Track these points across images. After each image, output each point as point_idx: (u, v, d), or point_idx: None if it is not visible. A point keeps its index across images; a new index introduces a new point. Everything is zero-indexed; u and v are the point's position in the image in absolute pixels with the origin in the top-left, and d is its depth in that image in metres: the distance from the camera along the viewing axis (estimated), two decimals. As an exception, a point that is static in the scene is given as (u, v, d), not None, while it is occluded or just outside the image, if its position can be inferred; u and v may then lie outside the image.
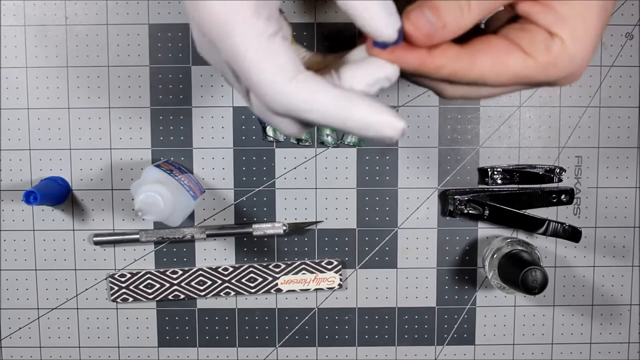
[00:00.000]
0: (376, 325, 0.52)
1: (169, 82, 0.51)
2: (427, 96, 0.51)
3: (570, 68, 0.27)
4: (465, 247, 0.52)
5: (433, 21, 0.25)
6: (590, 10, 0.26)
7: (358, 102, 0.25)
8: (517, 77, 0.27)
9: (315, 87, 0.24)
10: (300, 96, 0.24)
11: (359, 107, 0.25)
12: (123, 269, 0.52)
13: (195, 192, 0.48)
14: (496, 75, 0.26)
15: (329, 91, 0.25)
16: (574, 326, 0.53)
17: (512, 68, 0.26)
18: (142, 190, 0.42)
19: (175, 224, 0.45)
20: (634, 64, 0.51)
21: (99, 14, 0.50)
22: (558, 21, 0.26)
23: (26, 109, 0.51)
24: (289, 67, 0.24)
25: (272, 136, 0.51)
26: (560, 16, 0.26)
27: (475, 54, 0.26)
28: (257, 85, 0.24)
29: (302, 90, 0.24)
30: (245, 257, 0.52)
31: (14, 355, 0.52)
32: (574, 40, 0.26)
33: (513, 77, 0.27)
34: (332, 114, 0.25)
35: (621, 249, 0.52)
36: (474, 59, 0.26)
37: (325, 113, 0.24)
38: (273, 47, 0.24)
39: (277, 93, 0.24)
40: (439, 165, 0.52)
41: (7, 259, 0.52)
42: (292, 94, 0.24)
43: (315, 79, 0.25)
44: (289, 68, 0.24)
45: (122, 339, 0.52)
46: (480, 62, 0.26)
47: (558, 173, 0.51)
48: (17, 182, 0.51)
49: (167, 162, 0.49)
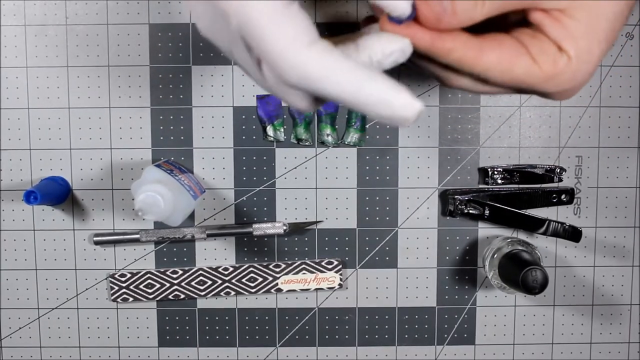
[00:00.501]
0: (376, 325, 0.52)
1: (169, 82, 0.51)
2: (427, 96, 0.51)
3: (569, 85, 0.27)
4: (466, 247, 0.52)
5: (446, 4, 0.25)
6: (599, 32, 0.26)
7: (376, 77, 0.24)
8: (519, 81, 0.27)
9: (331, 57, 0.24)
10: (315, 65, 0.23)
11: (377, 81, 0.24)
12: (123, 268, 0.52)
13: (195, 191, 0.48)
14: (500, 73, 0.26)
15: (345, 62, 0.24)
16: (574, 326, 0.53)
17: (517, 70, 0.26)
18: (143, 190, 0.42)
19: (175, 224, 0.45)
20: (634, 64, 0.51)
21: (99, 13, 0.50)
22: (568, 38, 0.26)
23: (26, 109, 0.51)
24: (305, 35, 0.24)
25: (272, 136, 0.51)
26: (570, 33, 0.26)
27: (485, 47, 0.26)
28: (272, 53, 0.24)
29: (318, 59, 0.23)
30: (246, 257, 0.52)
31: (14, 355, 0.52)
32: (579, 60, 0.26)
33: (515, 79, 0.27)
34: (347, 86, 0.24)
35: (621, 249, 0.52)
36: (482, 51, 0.26)
37: (340, 84, 0.24)
38: (289, 15, 0.23)
39: (291, 61, 0.23)
40: (439, 165, 0.52)
41: (7, 259, 0.52)
42: (307, 62, 0.23)
43: (331, 49, 0.24)
44: (305, 36, 0.24)
45: (123, 339, 0.52)
46: (488, 56, 0.26)
47: (558, 173, 0.51)
48: (17, 182, 0.51)
49: (167, 161, 0.49)
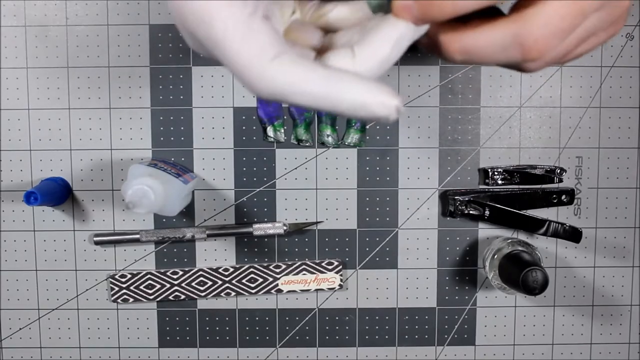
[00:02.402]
0: (376, 326, 0.52)
1: (170, 82, 0.51)
2: (427, 97, 0.51)
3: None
4: (466, 247, 0.52)
5: None
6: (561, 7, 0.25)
7: (349, 80, 0.23)
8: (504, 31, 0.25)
9: (299, 68, 0.23)
10: (282, 79, 0.23)
11: (350, 85, 0.23)
12: (123, 269, 0.52)
13: (184, 177, 0.47)
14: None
15: (316, 71, 0.23)
16: (574, 326, 0.53)
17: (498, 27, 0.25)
18: (130, 186, 0.42)
19: (173, 213, 0.45)
20: (634, 65, 0.51)
21: (99, 14, 0.50)
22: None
23: (26, 109, 0.51)
24: (270, 48, 0.23)
25: (272, 137, 0.51)
26: None
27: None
28: (238, 70, 0.23)
29: (285, 73, 0.23)
30: (246, 257, 0.52)
31: (14, 355, 0.52)
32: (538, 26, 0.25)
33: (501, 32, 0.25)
34: (319, 95, 0.23)
35: (621, 249, 0.52)
36: None
37: (311, 94, 0.23)
38: (252, 28, 0.23)
39: (258, 77, 0.23)
40: (439, 165, 0.52)
41: (8, 260, 0.52)
42: (275, 77, 0.23)
43: (300, 59, 0.23)
44: (271, 48, 0.23)
45: (123, 340, 0.52)
46: None
47: (558, 173, 0.51)
48: (18, 183, 0.51)
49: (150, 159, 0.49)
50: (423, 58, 0.51)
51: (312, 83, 0.23)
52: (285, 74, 0.23)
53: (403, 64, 0.51)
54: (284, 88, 0.23)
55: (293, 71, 0.23)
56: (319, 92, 0.23)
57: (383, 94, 0.23)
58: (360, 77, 0.24)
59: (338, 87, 0.23)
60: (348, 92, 0.23)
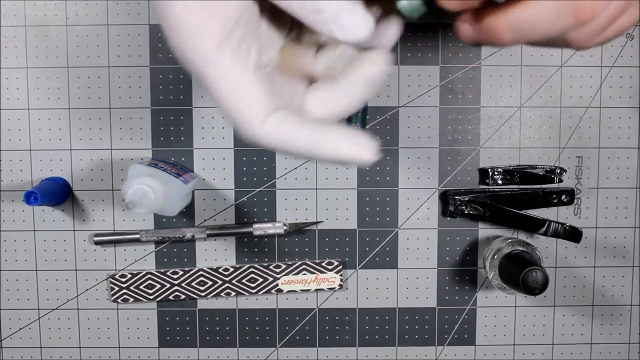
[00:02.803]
0: (377, 326, 0.52)
1: (170, 82, 0.51)
2: (427, 97, 0.51)
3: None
4: (466, 247, 0.52)
5: None
6: None
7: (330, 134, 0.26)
8: None
9: (288, 126, 0.26)
10: (272, 138, 0.26)
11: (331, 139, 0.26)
12: (124, 269, 0.52)
13: (184, 177, 0.47)
14: None
15: (301, 130, 0.26)
16: (574, 326, 0.53)
17: None
18: (130, 186, 0.42)
19: (173, 213, 0.45)
20: (635, 65, 0.51)
21: (99, 14, 0.50)
22: None
23: (26, 109, 0.51)
24: (261, 109, 0.25)
25: (272, 136, 0.51)
26: None
27: None
28: (234, 122, 0.26)
29: (275, 133, 0.26)
30: (246, 257, 0.52)
31: (14, 355, 0.52)
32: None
33: None
34: (305, 149, 0.26)
35: (621, 249, 0.52)
36: None
37: (298, 148, 0.26)
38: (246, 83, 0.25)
39: (252, 135, 0.26)
40: (439, 165, 0.52)
41: (8, 260, 0.52)
42: (266, 137, 0.26)
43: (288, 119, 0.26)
44: (262, 109, 0.25)
45: (123, 340, 0.52)
46: None
47: (558, 173, 0.51)
48: (18, 183, 0.51)
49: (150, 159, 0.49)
50: (423, 58, 0.51)
51: (299, 140, 0.26)
52: (275, 135, 0.26)
53: (403, 64, 0.51)
54: (275, 145, 0.26)
55: (283, 131, 0.26)
56: (305, 146, 0.26)
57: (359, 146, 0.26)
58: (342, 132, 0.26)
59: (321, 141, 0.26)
60: (329, 146, 0.26)
